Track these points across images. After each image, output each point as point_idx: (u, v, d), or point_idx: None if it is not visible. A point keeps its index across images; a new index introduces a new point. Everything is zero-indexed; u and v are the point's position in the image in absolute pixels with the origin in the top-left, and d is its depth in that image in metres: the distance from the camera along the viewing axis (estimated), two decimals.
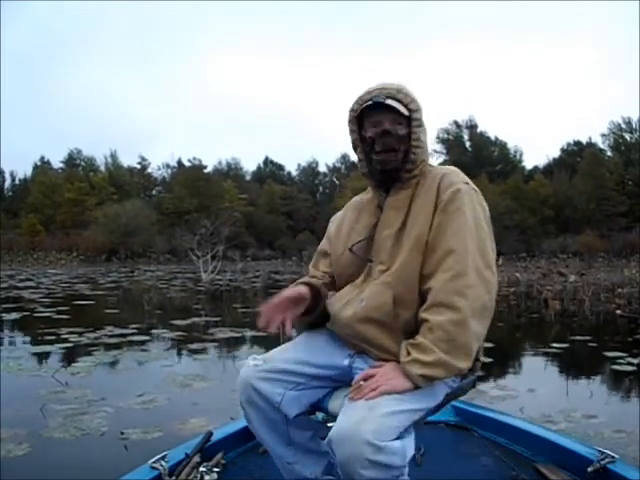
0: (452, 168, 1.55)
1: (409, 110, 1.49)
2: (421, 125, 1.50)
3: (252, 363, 1.55)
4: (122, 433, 3.00)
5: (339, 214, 1.77)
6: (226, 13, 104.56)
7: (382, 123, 1.50)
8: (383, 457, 1.22)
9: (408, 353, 1.35)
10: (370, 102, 1.49)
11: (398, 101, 1.49)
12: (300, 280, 1.63)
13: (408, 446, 1.29)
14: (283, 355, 1.58)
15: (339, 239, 1.66)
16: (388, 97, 1.49)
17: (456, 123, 59.88)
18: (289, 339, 1.69)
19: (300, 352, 1.57)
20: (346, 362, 1.52)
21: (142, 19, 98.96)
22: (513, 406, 3.53)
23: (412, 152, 1.50)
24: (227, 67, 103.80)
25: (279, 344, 1.66)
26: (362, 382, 1.35)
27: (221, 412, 3.30)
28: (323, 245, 1.75)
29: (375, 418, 1.25)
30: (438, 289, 1.36)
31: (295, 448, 1.58)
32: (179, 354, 5.67)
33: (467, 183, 1.48)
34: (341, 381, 1.49)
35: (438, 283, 1.37)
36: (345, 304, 1.52)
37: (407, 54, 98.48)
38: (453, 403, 2.06)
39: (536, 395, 3.98)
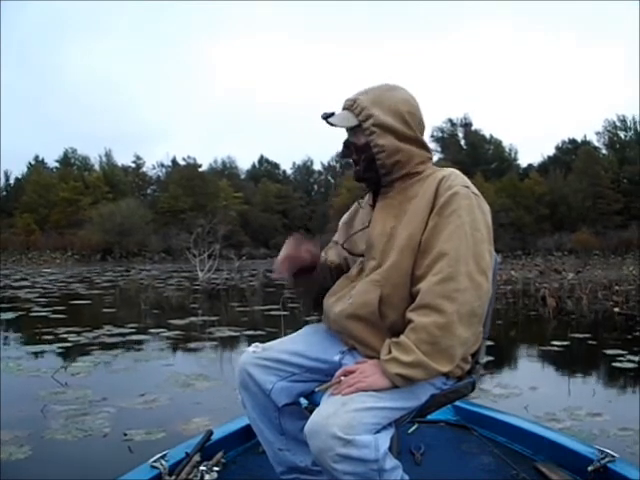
0: (452, 170, 1.53)
1: (359, 120, 1.50)
2: (374, 132, 1.49)
3: (251, 350, 1.64)
4: (125, 434, 2.97)
5: (352, 207, 1.78)
6: (220, 10, 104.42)
7: (347, 134, 1.57)
8: (353, 451, 1.23)
9: (389, 351, 1.35)
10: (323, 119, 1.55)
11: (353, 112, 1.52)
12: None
13: (382, 440, 1.29)
14: (281, 345, 1.64)
15: (341, 231, 1.74)
16: (344, 109, 1.54)
17: (451, 121, 60.07)
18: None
19: (297, 344, 1.62)
20: (337, 358, 1.55)
21: (140, 19, 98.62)
22: (517, 404, 3.52)
23: (376, 158, 1.51)
24: (221, 66, 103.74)
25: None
26: (342, 378, 1.37)
27: (224, 411, 3.27)
28: (335, 236, 1.80)
29: (346, 413, 1.27)
30: (426, 291, 1.35)
31: (286, 437, 1.62)
32: (179, 353, 5.64)
33: (467, 186, 1.46)
34: (332, 376, 1.50)
35: (426, 285, 1.36)
36: (336, 300, 1.56)
37: (402, 51, 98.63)
38: None
39: (539, 393, 3.97)
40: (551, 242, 36.09)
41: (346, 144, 1.57)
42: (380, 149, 1.49)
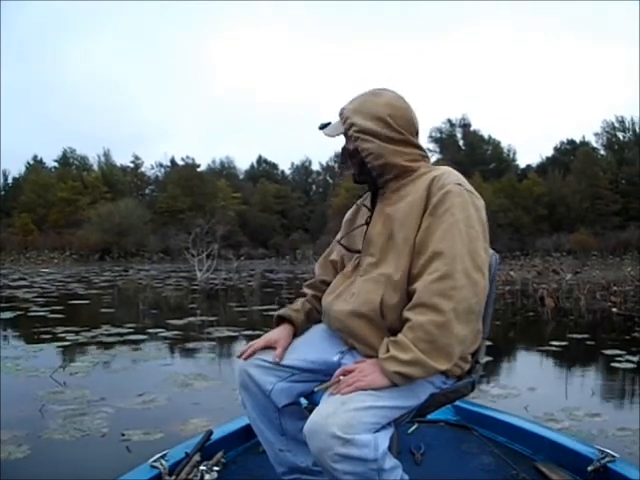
0: (445, 168, 1.54)
1: (344, 129, 1.56)
2: (358, 138, 1.53)
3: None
4: (123, 434, 2.96)
5: (353, 207, 1.80)
6: (220, 10, 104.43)
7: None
8: (353, 450, 1.23)
9: (387, 350, 1.36)
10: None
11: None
12: (283, 313, 1.70)
13: (381, 440, 1.29)
14: None
15: (342, 229, 1.76)
16: (339, 115, 1.60)
17: (449, 122, 60.08)
18: None
19: (296, 345, 1.63)
20: (336, 358, 1.55)
21: (140, 19, 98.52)
22: (516, 405, 3.52)
23: (366, 162, 1.54)
24: (221, 66, 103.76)
25: None
26: (341, 377, 1.37)
27: (223, 411, 3.27)
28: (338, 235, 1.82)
29: (345, 412, 1.27)
30: (422, 290, 1.36)
31: (287, 437, 1.62)
32: (177, 353, 5.63)
33: (459, 184, 1.46)
34: (332, 375, 1.50)
35: (423, 284, 1.37)
36: (335, 297, 1.57)
37: (402, 51, 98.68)
38: None
39: (538, 394, 3.97)
40: (549, 243, 36.05)
41: (342, 150, 1.63)
42: (367, 152, 1.52)
